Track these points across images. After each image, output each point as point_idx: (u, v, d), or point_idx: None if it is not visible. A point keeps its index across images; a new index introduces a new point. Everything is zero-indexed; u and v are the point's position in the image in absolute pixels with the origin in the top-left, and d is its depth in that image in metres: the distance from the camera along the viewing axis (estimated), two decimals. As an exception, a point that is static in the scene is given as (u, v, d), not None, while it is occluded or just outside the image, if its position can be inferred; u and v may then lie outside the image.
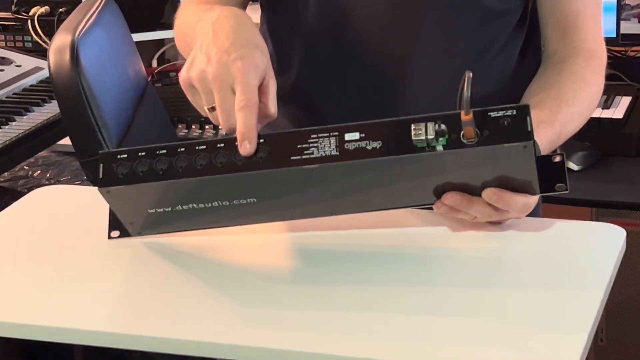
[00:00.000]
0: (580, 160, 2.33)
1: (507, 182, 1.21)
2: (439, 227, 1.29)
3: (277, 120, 1.20)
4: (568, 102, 1.38)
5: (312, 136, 1.18)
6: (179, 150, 1.20)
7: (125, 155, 1.21)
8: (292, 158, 1.17)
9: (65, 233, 1.34)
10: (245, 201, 1.22)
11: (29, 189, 2.44)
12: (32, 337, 1.15)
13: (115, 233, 1.30)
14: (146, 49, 3.00)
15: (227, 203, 1.23)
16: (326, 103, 1.49)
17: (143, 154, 1.20)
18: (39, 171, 2.54)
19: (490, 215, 1.23)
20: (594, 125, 2.31)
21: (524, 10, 1.49)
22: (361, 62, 1.46)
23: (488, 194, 1.21)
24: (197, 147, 1.20)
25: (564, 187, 1.22)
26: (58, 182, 2.45)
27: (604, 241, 1.26)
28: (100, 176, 1.21)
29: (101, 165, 1.21)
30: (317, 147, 1.17)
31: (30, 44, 2.99)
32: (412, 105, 1.43)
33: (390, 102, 1.46)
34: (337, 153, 1.17)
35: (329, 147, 1.17)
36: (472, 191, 1.22)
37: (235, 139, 1.19)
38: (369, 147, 1.16)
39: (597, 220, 2.57)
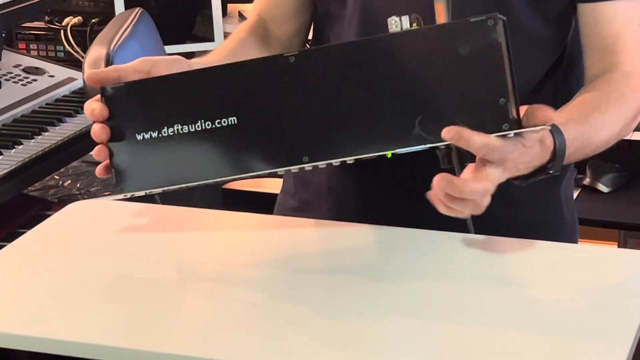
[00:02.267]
0: (610, 182, 2.33)
1: (474, 88, 1.16)
2: (469, 250, 1.30)
3: None
4: (601, 109, 1.36)
5: None
6: None
7: None
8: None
9: (99, 249, 1.35)
10: (226, 122, 1.22)
11: (59, 199, 2.44)
12: (62, 353, 1.16)
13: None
14: (177, 61, 3.01)
15: (210, 125, 1.23)
16: None
17: None
18: (69, 181, 2.54)
19: (473, 192, 1.18)
20: (624, 147, 2.31)
21: (568, 40, 1.49)
22: None
23: (449, 131, 1.16)
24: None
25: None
26: (88, 192, 2.46)
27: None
28: None
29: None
30: None
31: (62, 54, 3.00)
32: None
33: None
34: None
35: None
36: (437, 102, 1.18)
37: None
38: None
39: (625, 242, 2.56)
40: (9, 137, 2.22)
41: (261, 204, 1.72)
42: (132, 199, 1.75)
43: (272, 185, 2.39)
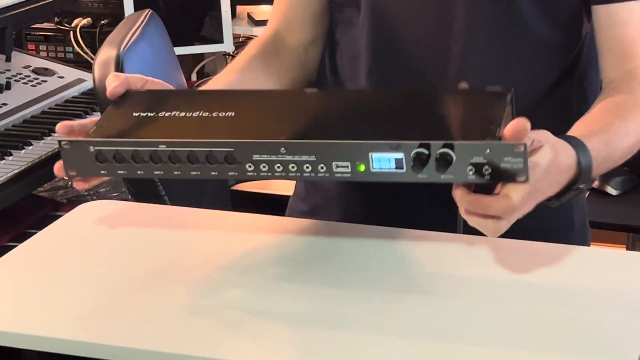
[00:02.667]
0: (619, 185, 2.33)
1: (474, 117, 1.21)
2: (478, 252, 1.30)
3: None
4: (623, 117, 1.35)
5: None
6: None
7: None
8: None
9: (109, 250, 1.35)
10: (223, 114, 1.24)
11: (68, 200, 2.45)
12: (71, 353, 1.16)
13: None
14: (186, 63, 3.02)
15: (207, 115, 1.25)
16: None
17: None
18: (78, 182, 2.54)
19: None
20: (633, 150, 2.31)
21: (581, 45, 1.47)
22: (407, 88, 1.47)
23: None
24: None
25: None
26: (97, 193, 2.47)
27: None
28: None
29: None
30: None
31: (71, 55, 3.02)
32: None
33: None
34: None
35: None
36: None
37: None
38: None
39: (634, 245, 2.56)
40: (18, 137, 2.23)
41: (269, 205, 1.72)
42: (139, 200, 1.76)
43: (281, 187, 2.40)
